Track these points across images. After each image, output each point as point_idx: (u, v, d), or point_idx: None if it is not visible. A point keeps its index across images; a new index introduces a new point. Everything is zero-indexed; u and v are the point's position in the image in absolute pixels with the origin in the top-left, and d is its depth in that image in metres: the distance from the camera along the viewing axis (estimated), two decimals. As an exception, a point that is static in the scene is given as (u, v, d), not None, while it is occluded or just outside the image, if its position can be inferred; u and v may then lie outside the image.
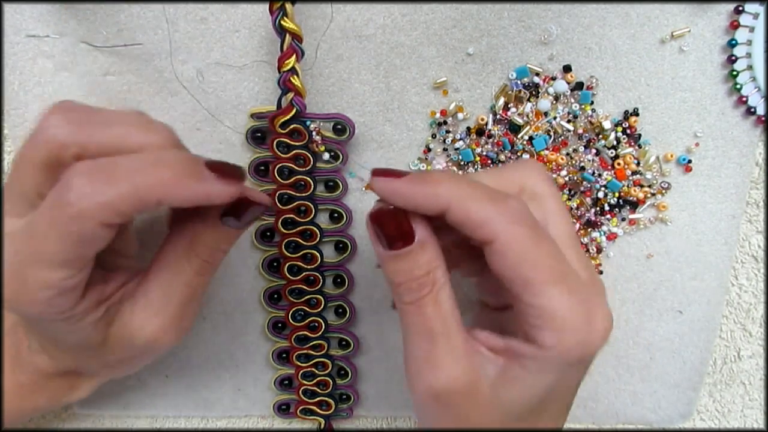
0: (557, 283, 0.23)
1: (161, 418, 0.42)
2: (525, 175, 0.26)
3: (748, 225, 0.37)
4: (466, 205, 0.23)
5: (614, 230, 0.36)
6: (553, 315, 0.23)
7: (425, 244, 0.24)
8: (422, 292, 0.24)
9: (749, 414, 0.42)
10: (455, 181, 0.24)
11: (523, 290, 0.23)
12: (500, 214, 0.23)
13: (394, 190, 0.24)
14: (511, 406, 0.24)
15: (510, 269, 0.23)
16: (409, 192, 0.24)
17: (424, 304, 0.24)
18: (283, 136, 0.33)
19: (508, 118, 0.34)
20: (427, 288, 0.24)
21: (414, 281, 0.24)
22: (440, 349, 0.24)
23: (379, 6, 0.31)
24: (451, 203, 0.23)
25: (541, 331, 0.23)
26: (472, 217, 0.23)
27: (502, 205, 0.23)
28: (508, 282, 0.23)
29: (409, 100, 0.34)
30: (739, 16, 0.32)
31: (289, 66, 0.30)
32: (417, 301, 0.24)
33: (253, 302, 0.38)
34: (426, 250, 0.24)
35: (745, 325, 0.40)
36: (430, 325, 0.24)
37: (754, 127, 0.34)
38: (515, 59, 0.33)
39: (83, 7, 0.32)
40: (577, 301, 0.23)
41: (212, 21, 0.32)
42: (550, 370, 0.24)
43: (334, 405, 0.40)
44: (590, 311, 0.23)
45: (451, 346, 0.24)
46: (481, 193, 0.24)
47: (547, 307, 0.23)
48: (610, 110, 0.34)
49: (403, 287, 0.24)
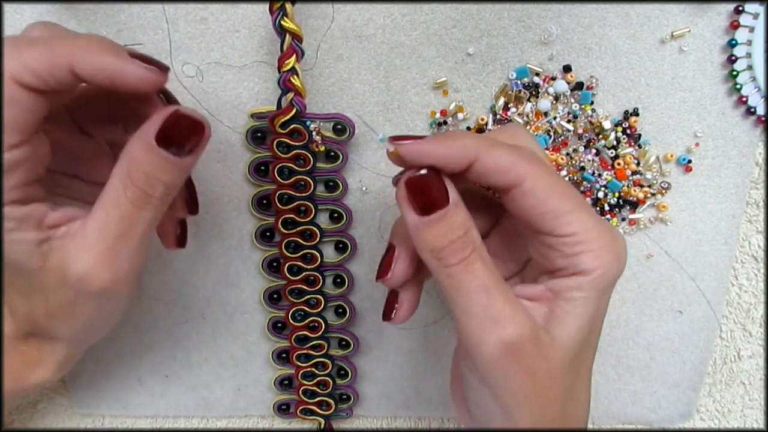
0: (582, 209, 0.25)
1: (161, 418, 0.42)
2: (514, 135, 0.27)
3: (748, 225, 0.37)
4: (493, 153, 0.24)
5: (614, 230, 0.36)
6: (590, 238, 0.24)
7: (459, 204, 0.25)
8: (466, 251, 0.24)
9: (749, 414, 0.42)
10: (474, 135, 0.25)
11: (557, 222, 0.24)
12: (522, 157, 0.25)
13: (422, 149, 0.25)
14: (568, 345, 0.25)
15: (541, 205, 0.24)
16: (438, 149, 0.25)
17: (471, 261, 0.24)
18: (283, 136, 0.33)
19: (508, 118, 0.34)
20: (470, 246, 0.24)
21: (456, 242, 0.24)
22: (499, 302, 0.24)
23: (379, 6, 0.31)
24: (479, 153, 0.24)
25: (582, 256, 0.24)
26: (500, 162, 0.24)
27: (521, 150, 0.25)
28: (539, 219, 0.25)
29: (409, 100, 0.34)
30: (739, 16, 0.32)
31: (289, 66, 0.30)
32: (465, 260, 0.24)
33: (253, 302, 0.38)
34: (461, 209, 0.25)
35: (745, 325, 0.40)
36: (483, 281, 0.24)
37: (754, 127, 0.34)
38: (515, 59, 0.33)
39: (83, 7, 0.32)
40: (600, 222, 0.25)
41: (212, 21, 0.32)
42: (594, 296, 0.25)
43: (334, 405, 0.40)
44: (609, 230, 0.25)
45: (509, 298, 0.24)
46: (500, 143, 0.25)
47: (583, 231, 0.24)
48: (610, 110, 0.34)
49: (446, 250, 0.24)
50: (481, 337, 0.24)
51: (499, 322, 0.24)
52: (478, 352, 0.25)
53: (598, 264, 0.24)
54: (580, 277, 0.25)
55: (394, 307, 0.29)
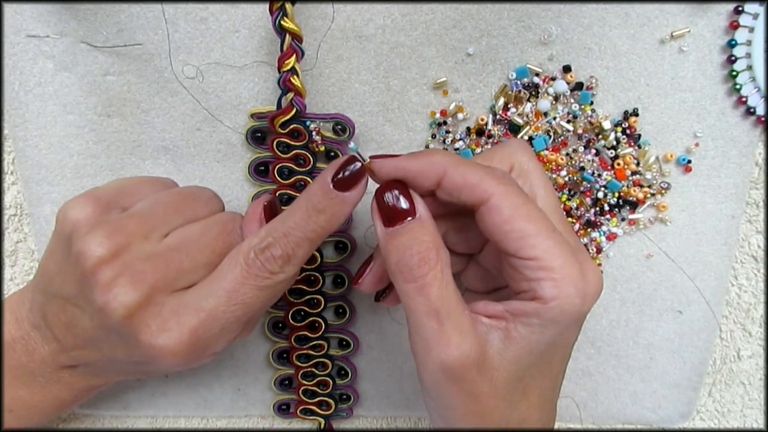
0: (550, 235, 0.24)
1: (161, 418, 0.42)
2: (513, 152, 0.28)
3: (748, 225, 0.37)
4: (461, 169, 0.25)
5: (614, 230, 0.36)
6: (551, 265, 0.24)
7: (424, 220, 0.25)
8: (423, 269, 0.24)
9: (749, 414, 0.42)
10: (445, 153, 0.26)
11: (521, 243, 0.24)
12: (491, 175, 0.25)
13: (394, 164, 0.26)
14: (516, 365, 0.25)
15: (506, 223, 0.24)
16: (408, 164, 0.26)
17: (427, 283, 0.24)
18: (283, 136, 0.33)
19: (508, 118, 0.34)
20: (428, 265, 0.24)
21: (414, 257, 0.24)
22: (448, 327, 0.24)
23: (379, 6, 0.32)
24: (447, 169, 0.25)
25: (541, 283, 0.24)
26: (468, 179, 0.25)
27: (492, 169, 0.26)
28: (503, 238, 0.25)
29: (409, 100, 0.34)
30: (739, 17, 0.32)
31: (289, 66, 0.30)
32: (420, 280, 0.24)
33: (253, 302, 0.38)
34: (424, 226, 0.25)
35: (745, 325, 0.40)
36: (435, 306, 0.24)
37: (754, 127, 0.34)
38: (515, 59, 0.33)
39: (83, 7, 0.32)
40: (569, 254, 0.24)
41: (212, 21, 0.32)
42: (552, 324, 0.25)
43: (334, 405, 0.40)
44: (582, 264, 0.25)
45: (458, 323, 0.24)
46: (471, 161, 0.26)
47: (545, 257, 0.24)
48: (609, 110, 0.34)
49: (402, 265, 0.25)
50: (426, 359, 0.25)
51: (444, 348, 0.24)
52: (422, 372, 0.25)
53: (557, 294, 0.24)
54: (538, 303, 0.24)
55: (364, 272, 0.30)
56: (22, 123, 0.34)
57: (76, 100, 0.34)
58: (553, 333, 0.25)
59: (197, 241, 0.28)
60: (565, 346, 0.27)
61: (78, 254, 0.26)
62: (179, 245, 0.28)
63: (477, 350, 0.24)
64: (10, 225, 0.37)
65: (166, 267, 0.27)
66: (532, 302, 0.24)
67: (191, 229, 0.28)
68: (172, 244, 0.28)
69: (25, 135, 0.34)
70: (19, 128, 0.34)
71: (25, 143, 0.34)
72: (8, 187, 0.36)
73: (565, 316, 0.24)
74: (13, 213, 0.37)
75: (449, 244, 0.29)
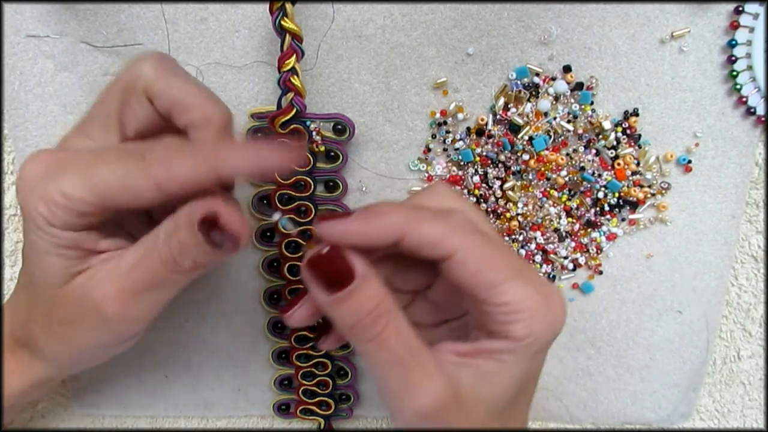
0: (516, 277, 0.24)
1: (161, 418, 0.42)
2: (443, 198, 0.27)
3: (748, 225, 0.37)
4: (420, 229, 0.24)
5: (614, 230, 0.36)
6: (521, 308, 0.24)
7: (367, 277, 0.24)
8: (378, 326, 0.24)
9: (749, 414, 0.42)
10: (402, 208, 0.25)
11: (489, 292, 0.24)
12: (452, 229, 0.24)
13: (345, 230, 0.24)
14: (494, 401, 0.25)
15: (473, 276, 0.24)
16: (362, 229, 0.24)
17: (385, 337, 0.24)
18: (283, 136, 0.33)
19: (508, 118, 0.34)
20: (383, 320, 0.24)
21: (367, 317, 0.24)
22: (415, 374, 0.24)
23: (379, 6, 0.31)
24: (405, 230, 0.24)
25: (512, 325, 0.24)
26: (429, 238, 0.24)
27: (450, 220, 0.25)
28: (473, 289, 0.24)
29: (409, 100, 0.34)
30: (739, 17, 0.32)
31: (289, 66, 0.30)
32: (378, 337, 0.24)
33: (253, 302, 0.38)
34: (370, 283, 0.24)
35: (745, 325, 0.40)
36: (398, 354, 0.24)
37: (754, 127, 0.34)
38: (515, 59, 0.33)
39: (83, 7, 0.32)
40: (534, 290, 0.25)
41: (212, 21, 0.32)
42: (524, 359, 0.25)
43: (334, 405, 0.40)
44: (546, 296, 0.25)
45: (425, 368, 0.24)
46: (429, 214, 0.25)
47: (514, 302, 0.24)
48: (610, 110, 0.34)
49: (357, 327, 0.24)
50: (400, 407, 0.24)
51: (417, 395, 0.24)
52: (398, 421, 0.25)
53: (529, 332, 0.24)
54: (510, 342, 0.24)
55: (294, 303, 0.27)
56: (22, 123, 0.34)
57: (76, 100, 0.34)
58: (526, 365, 0.25)
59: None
60: (536, 373, 0.28)
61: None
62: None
63: (448, 390, 0.24)
64: (10, 225, 0.37)
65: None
66: (504, 341, 0.25)
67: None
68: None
69: (25, 135, 0.34)
70: (19, 128, 0.34)
71: (25, 143, 0.34)
72: (8, 187, 0.36)
73: (539, 346, 0.25)
74: (13, 213, 0.37)
75: (394, 285, 0.28)
